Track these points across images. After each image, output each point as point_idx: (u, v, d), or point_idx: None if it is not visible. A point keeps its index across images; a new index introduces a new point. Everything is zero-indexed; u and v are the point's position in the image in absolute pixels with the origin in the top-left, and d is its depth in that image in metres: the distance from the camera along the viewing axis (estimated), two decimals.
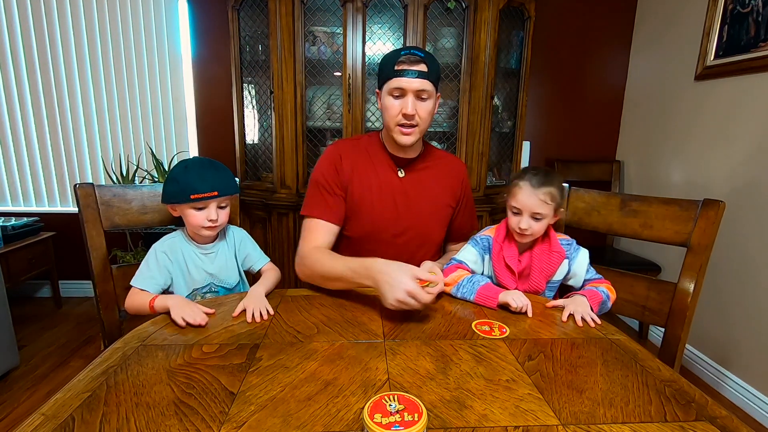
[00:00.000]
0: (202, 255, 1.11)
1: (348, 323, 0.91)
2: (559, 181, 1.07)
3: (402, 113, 1.06)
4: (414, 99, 1.06)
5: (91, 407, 0.62)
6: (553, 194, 1.04)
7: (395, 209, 1.17)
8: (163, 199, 1.09)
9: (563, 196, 1.09)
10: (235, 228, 1.20)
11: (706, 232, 1.02)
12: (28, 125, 2.53)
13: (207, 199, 1.04)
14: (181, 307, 0.92)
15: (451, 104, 2.14)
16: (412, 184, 1.19)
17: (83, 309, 2.58)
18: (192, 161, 1.08)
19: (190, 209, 1.05)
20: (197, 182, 1.03)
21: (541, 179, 1.04)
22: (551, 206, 1.04)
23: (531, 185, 1.04)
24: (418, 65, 1.04)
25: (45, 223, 2.55)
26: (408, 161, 1.19)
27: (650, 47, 2.39)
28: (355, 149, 1.19)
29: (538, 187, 1.04)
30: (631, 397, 0.67)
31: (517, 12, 2.11)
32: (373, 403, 0.58)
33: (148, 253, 1.07)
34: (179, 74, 2.55)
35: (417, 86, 1.04)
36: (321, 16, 2.03)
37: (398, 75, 1.04)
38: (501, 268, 1.11)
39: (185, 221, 1.09)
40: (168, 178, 1.07)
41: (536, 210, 1.03)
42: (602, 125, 2.64)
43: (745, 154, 1.76)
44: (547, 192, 1.03)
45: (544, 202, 1.03)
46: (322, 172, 1.16)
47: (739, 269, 1.78)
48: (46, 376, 1.87)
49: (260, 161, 2.32)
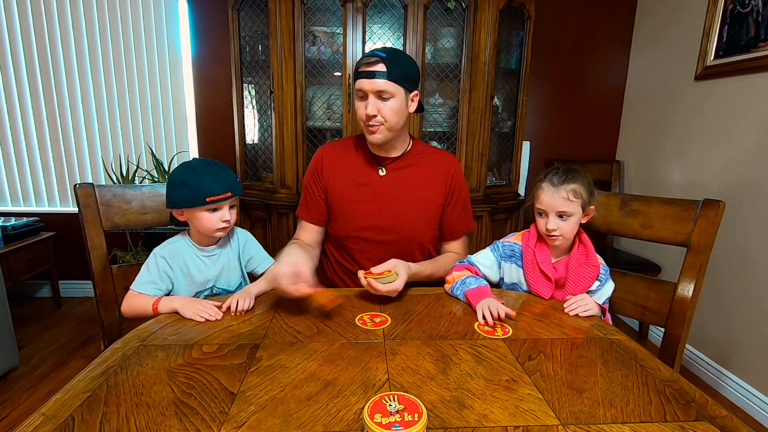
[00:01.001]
0: (204, 258, 1.10)
1: (348, 323, 0.91)
2: (583, 178, 1.03)
3: (366, 113, 1.08)
4: (375, 99, 1.07)
5: (91, 407, 0.62)
6: (576, 191, 1.01)
7: (377, 208, 1.18)
8: (170, 205, 1.06)
9: (591, 193, 1.04)
10: (239, 229, 1.19)
11: (706, 232, 1.02)
12: (28, 125, 2.53)
13: (222, 201, 1.03)
14: (191, 306, 0.93)
15: (451, 104, 2.14)
16: (394, 183, 1.19)
17: (83, 309, 2.58)
18: (196, 163, 1.06)
19: (203, 212, 1.03)
20: (211, 184, 1.01)
21: (562, 176, 1.02)
22: (576, 203, 1.01)
23: (552, 184, 1.02)
24: (376, 65, 1.05)
25: (45, 223, 2.55)
26: (391, 160, 1.20)
27: (650, 47, 2.39)
28: (339, 151, 1.24)
29: (559, 185, 1.01)
30: (631, 397, 0.67)
31: (517, 12, 2.11)
32: (373, 403, 0.58)
33: (149, 258, 1.06)
34: (179, 74, 2.55)
35: (377, 87, 1.05)
36: (321, 16, 2.04)
37: (358, 77, 1.07)
38: (535, 276, 1.06)
39: (196, 224, 1.06)
40: (174, 183, 1.03)
41: (561, 209, 1.01)
42: (602, 125, 2.64)
43: (745, 154, 1.76)
44: (570, 189, 1.01)
45: (567, 200, 1.01)
46: (308, 177, 1.25)
47: (739, 269, 1.78)
48: (46, 376, 1.87)
49: (260, 161, 2.32)
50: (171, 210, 1.08)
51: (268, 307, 1.00)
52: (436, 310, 0.99)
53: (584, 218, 1.05)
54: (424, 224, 1.22)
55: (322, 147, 1.26)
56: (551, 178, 1.03)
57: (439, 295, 1.08)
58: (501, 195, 2.19)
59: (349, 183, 1.20)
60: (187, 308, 0.94)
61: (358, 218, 1.20)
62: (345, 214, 1.21)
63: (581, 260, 1.06)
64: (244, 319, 0.93)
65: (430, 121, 2.15)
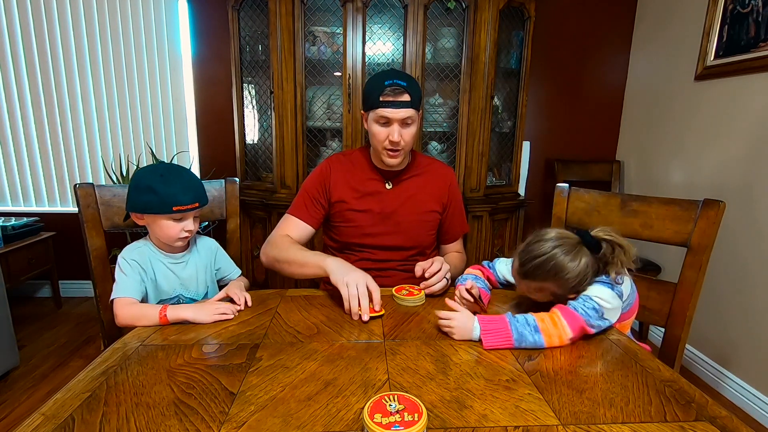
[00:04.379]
0: (171, 265, 1.06)
1: (348, 323, 0.91)
2: (556, 270, 0.84)
3: (389, 140, 1.13)
4: (399, 127, 1.12)
5: (91, 407, 0.62)
6: (543, 288, 0.88)
7: (381, 217, 1.25)
8: (131, 208, 1.00)
9: (572, 284, 0.85)
10: (206, 238, 1.16)
11: (706, 232, 1.02)
12: (28, 125, 2.53)
13: (189, 211, 1.00)
14: (203, 311, 0.92)
15: (451, 104, 2.14)
16: (399, 195, 1.26)
17: (83, 309, 2.58)
18: (164, 169, 1.00)
19: (166, 220, 0.99)
20: (180, 194, 0.97)
21: (524, 271, 0.87)
22: (547, 293, 0.89)
23: (518, 274, 0.91)
24: (402, 96, 1.10)
25: (45, 223, 2.55)
26: (395, 173, 1.26)
27: (650, 47, 2.38)
28: (346, 163, 1.29)
29: (522, 278, 0.90)
30: (631, 397, 0.67)
31: (517, 12, 2.11)
32: (373, 403, 0.58)
33: (119, 263, 1.00)
34: (179, 74, 2.55)
35: (403, 115, 1.11)
36: (321, 16, 2.04)
37: (384, 106, 1.10)
38: None
39: (156, 231, 1.02)
40: (139, 187, 0.98)
41: (531, 296, 0.92)
42: (602, 125, 2.63)
43: (745, 154, 1.76)
44: (535, 287, 0.89)
45: (531, 292, 0.91)
46: (312, 182, 1.27)
47: (740, 269, 1.78)
48: (46, 376, 1.87)
49: (260, 161, 2.32)
50: (130, 212, 1.02)
51: (268, 307, 1.00)
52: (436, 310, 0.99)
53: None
54: (425, 232, 1.30)
55: (329, 158, 1.31)
56: (520, 265, 0.89)
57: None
58: (501, 195, 2.19)
59: (356, 193, 1.25)
60: (200, 314, 0.91)
61: (364, 226, 1.25)
62: (351, 221, 1.25)
63: None
64: (244, 319, 0.93)
65: (430, 121, 2.15)
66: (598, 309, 0.83)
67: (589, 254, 0.86)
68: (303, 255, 1.12)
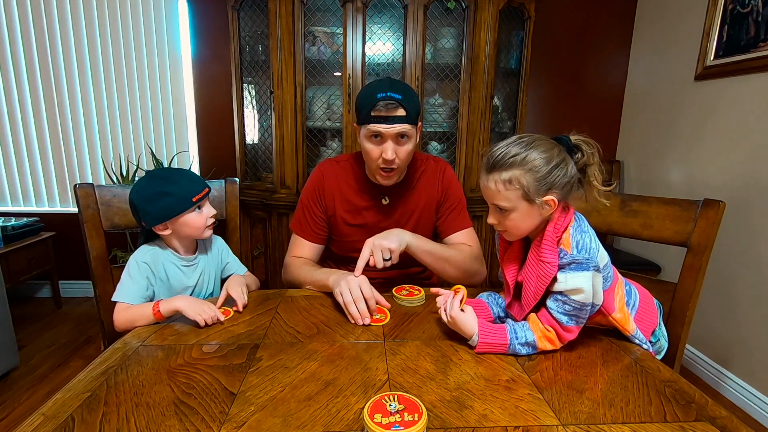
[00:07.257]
0: (183, 267, 1.06)
1: (348, 323, 0.91)
2: (533, 159, 0.76)
3: (382, 158, 1.05)
4: (394, 144, 1.05)
5: (91, 407, 0.62)
6: (512, 180, 0.77)
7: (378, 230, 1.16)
8: (153, 221, 0.99)
9: (543, 180, 0.77)
10: (214, 236, 1.16)
11: (707, 232, 1.02)
12: (28, 125, 2.53)
13: (205, 197, 1.03)
14: (194, 306, 0.91)
15: (451, 104, 2.14)
16: (396, 208, 1.21)
17: (83, 309, 2.58)
18: (161, 172, 1.05)
19: (190, 215, 1.00)
20: (190, 184, 1.00)
21: (498, 159, 0.78)
22: (513, 193, 0.77)
23: (485, 169, 0.81)
24: (396, 111, 1.01)
25: (45, 223, 2.55)
26: (392, 188, 1.20)
27: (650, 47, 2.38)
28: (340, 173, 1.21)
29: (490, 172, 0.80)
30: (631, 398, 0.67)
31: (517, 12, 2.11)
32: (373, 403, 0.58)
33: (129, 265, 1.00)
34: (179, 74, 2.55)
35: (397, 131, 1.03)
36: (321, 16, 2.04)
37: (376, 122, 1.02)
38: (504, 278, 0.91)
39: (184, 231, 1.02)
40: (150, 198, 0.98)
41: (493, 201, 0.81)
42: (602, 125, 2.63)
43: (745, 153, 1.76)
44: (502, 180, 0.78)
45: (497, 192, 0.79)
46: (307, 194, 1.22)
47: (739, 269, 1.78)
48: (46, 376, 1.87)
49: (260, 161, 2.32)
50: (152, 228, 1.01)
51: (268, 307, 1.00)
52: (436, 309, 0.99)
53: (541, 210, 0.79)
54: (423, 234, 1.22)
55: (321, 165, 1.24)
56: (487, 159, 0.80)
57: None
58: None
59: (351, 207, 1.20)
60: (190, 309, 0.90)
61: (361, 240, 1.17)
62: (347, 236, 1.22)
63: (534, 257, 0.81)
64: (244, 319, 0.93)
65: (430, 121, 2.15)
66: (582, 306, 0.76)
67: (563, 150, 0.82)
68: (312, 275, 1.10)
